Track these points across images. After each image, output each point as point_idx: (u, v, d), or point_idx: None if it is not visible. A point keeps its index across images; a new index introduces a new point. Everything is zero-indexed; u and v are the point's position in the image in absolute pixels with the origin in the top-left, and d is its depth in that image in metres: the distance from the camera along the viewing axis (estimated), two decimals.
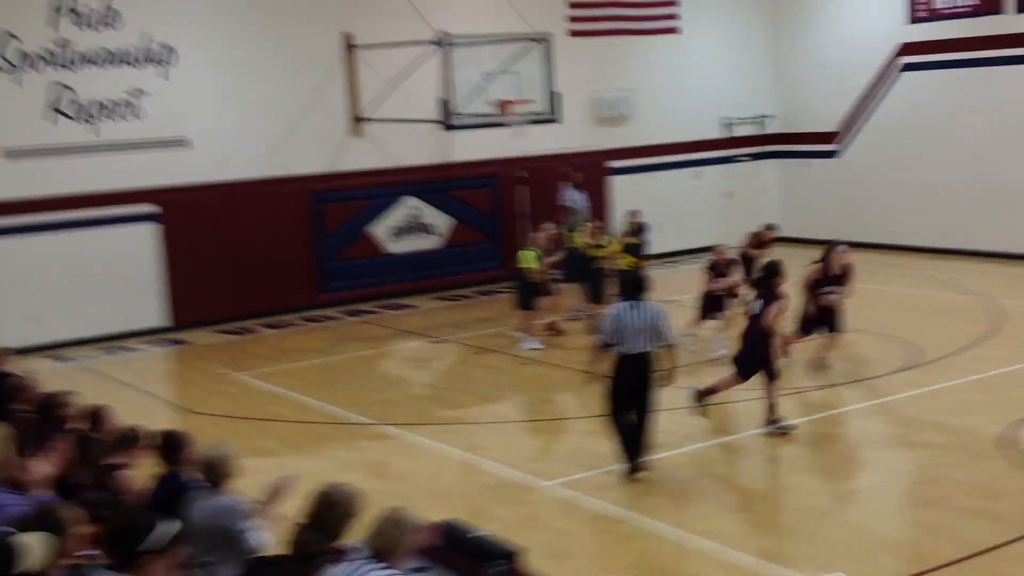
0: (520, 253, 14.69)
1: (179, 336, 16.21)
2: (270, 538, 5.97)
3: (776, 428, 9.98)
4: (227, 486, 6.06)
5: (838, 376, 12.00)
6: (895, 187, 20.22)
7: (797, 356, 12.07)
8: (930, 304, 15.64)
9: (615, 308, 8.93)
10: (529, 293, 14.36)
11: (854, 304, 15.95)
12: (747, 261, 14.05)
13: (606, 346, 8.87)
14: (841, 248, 12.47)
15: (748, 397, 11.41)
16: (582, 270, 15.40)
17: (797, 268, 12.81)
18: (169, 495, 6.27)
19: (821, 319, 12.17)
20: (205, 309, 16.67)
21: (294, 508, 5.98)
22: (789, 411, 10.73)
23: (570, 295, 15.42)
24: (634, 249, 15.35)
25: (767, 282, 10.31)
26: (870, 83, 20.60)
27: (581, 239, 15.78)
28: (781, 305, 10.11)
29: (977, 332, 13.47)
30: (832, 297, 12.11)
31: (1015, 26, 18.33)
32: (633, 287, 9.04)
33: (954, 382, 11.33)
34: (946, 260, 18.90)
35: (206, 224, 16.68)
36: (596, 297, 14.91)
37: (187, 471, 6.55)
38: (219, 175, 16.80)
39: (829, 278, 12.19)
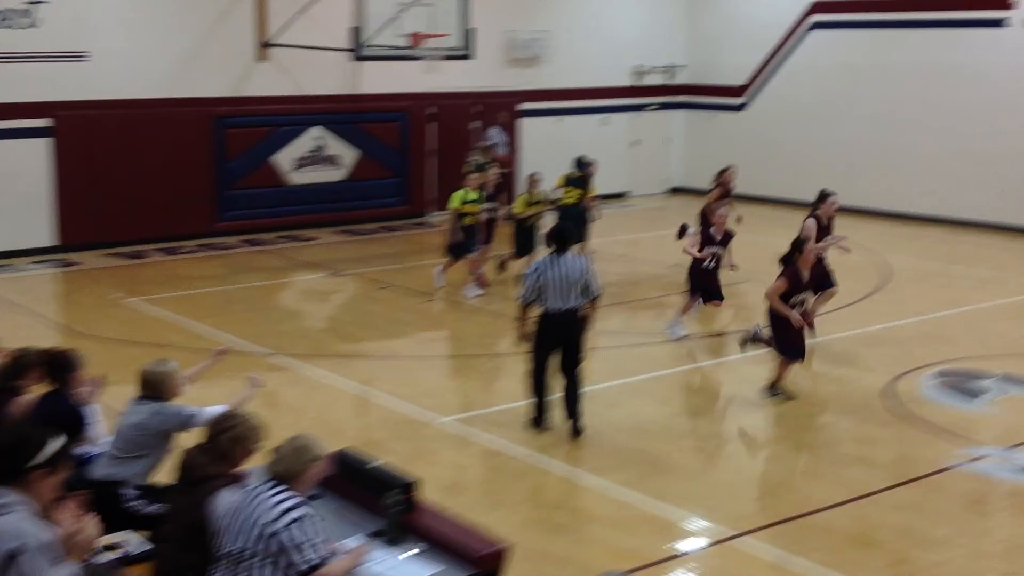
0: (453, 194, 13.89)
1: (69, 257, 15.73)
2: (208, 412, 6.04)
3: (772, 394, 9.51)
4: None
5: (733, 323, 12.26)
6: (798, 143, 20.61)
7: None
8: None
9: (537, 263, 8.46)
10: (462, 238, 13.60)
11: (750, 257, 16.31)
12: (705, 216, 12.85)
13: (528, 304, 8.40)
14: (833, 198, 11.84)
15: (645, 342, 11.61)
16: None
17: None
18: (54, 414, 6.12)
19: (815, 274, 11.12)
20: (97, 230, 16.19)
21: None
22: (687, 356, 10.96)
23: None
24: (578, 182, 15.36)
25: (790, 257, 9.55)
26: (780, 39, 20.87)
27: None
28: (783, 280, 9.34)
29: (866, 288, 13.89)
30: (828, 247, 11.49)
31: None
32: (556, 238, 8.41)
33: (842, 335, 11.69)
34: (843, 217, 19.35)
35: (101, 143, 16.12)
36: (524, 251, 14.39)
37: (75, 392, 6.39)
38: (118, 93, 16.22)
39: (821, 228, 11.55)
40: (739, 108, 21.73)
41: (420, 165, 19.13)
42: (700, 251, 11.45)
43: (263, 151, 17.64)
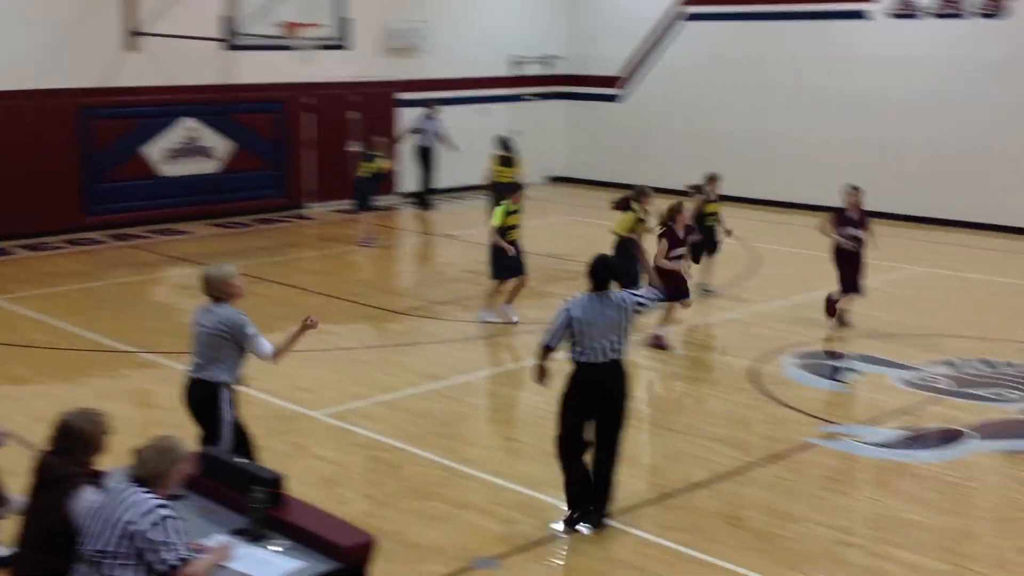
0: (495, 209, 13.21)
1: None
2: (271, 349, 6.78)
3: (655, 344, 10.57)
4: (229, 299, 6.81)
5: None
6: (674, 133, 21.04)
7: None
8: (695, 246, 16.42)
9: (570, 301, 6.88)
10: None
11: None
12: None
13: (550, 350, 6.93)
14: (856, 190, 11.94)
15: (524, 331, 11.75)
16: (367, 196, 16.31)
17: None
18: None
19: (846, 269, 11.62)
20: None
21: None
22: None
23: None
24: (508, 161, 16.06)
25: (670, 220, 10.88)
26: (655, 31, 21.25)
27: (375, 166, 16.37)
28: None
29: (735, 273, 14.30)
30: (851, 242, 11.63)
31: None
32: (599, 273, 6.89)
33: (708, 319, 12.03)
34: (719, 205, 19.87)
35: None
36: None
37: None
38: None
39: (847, 219, 11.77)
40: (617, 99, 22.06)
41: (297, 156, 18.92)
42: (669, 256, 10.84)
43: (132, 143, 17.19)
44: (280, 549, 4.92)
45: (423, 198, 19.77)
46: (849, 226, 11.69)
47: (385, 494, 7.48)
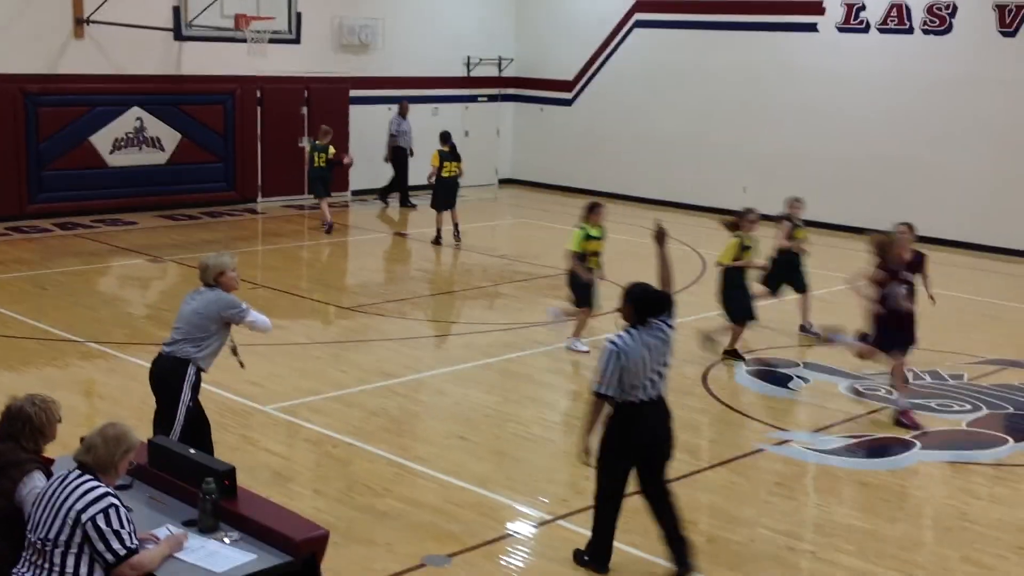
0: (574, 232, 12.86)
1: None
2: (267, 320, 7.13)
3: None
4: (221, 288, 6.94)
5: (554, 317, 12.52)
6: (622, 138, 21.17)
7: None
8: (644, 251, 16.47)
9: (615, 339, 6.17)
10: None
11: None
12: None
13: (606, 398, 6.18)
14: (903, 229, 9.79)
15: (473, 331, 11.72)
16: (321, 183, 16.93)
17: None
18: None
19: (899, 328, 9.26)
20: None
21: None
22: (511, 344, 11.11)
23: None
24: (451, 156, 16.26)
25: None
26: (605, 36, 21.36)
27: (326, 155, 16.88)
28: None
29: (681, 280, 14.34)
30: (907, 301, 9.27)
31: None
32: (642, 305, 6.26)
33: None
34: (664, 211, 20.02)
35: None
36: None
37: None
38: None
39: (896, 272, 9.27)
40: (568, 103, 22.14)
41: (246, 150, 18.71)
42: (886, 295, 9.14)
43: (79, 131, 16.89)
44: (230, 541, 4.86)
45: (389, 195, 19.73)
46: (902, 282, 9.25)
47: (336, 490, 7.42)
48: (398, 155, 19.44)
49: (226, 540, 4.86)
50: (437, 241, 16.26)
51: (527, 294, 13.51)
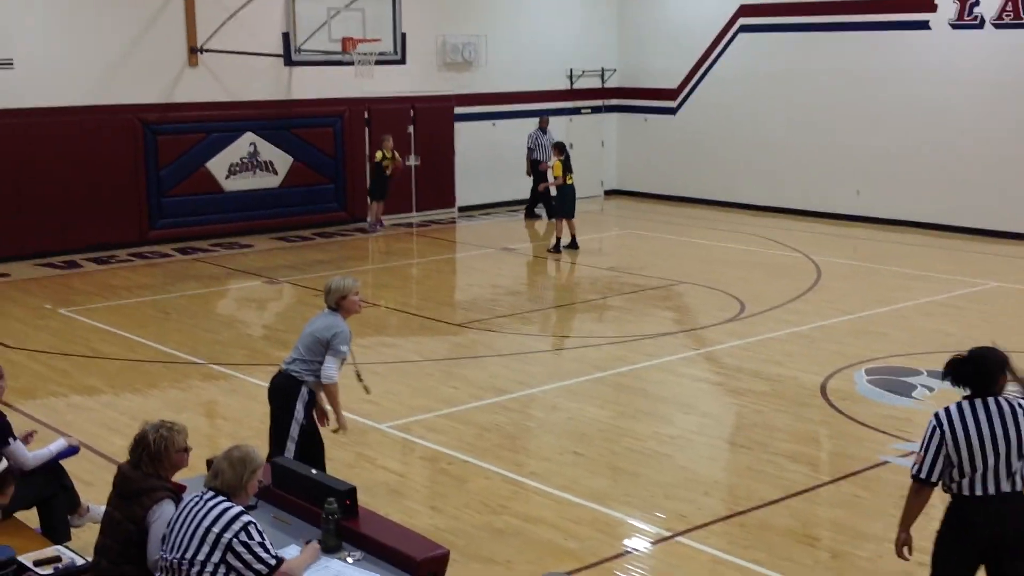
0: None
1: None
2: (334, 376, 7.07)
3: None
4: (342, 311, 7.15)
5: (667, 324, 12.39)
6: (728, 146, 20.89)
7: None
8: (755, 259, 16.30)
9: (946, 415, 5.08)
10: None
11: (683, 257, 16.52)
12: None
13: (930, 484, 5.22)
14: None
15: (585, 344, 11.69)
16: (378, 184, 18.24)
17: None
18: None
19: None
20: (27, 241, 15.88)
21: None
22: (623, 358, 11.03)
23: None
24: (567, 165, 16.65)
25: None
26: (708, 43, 21.12)
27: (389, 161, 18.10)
28: None
29: (796, 287, 14.12)
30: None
31: None
32: (982, 371, 5.09)
33: (774, 334, 11.87)
34: (774, 218, 19.72)
35: (29, 152, 15.81)
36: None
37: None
38: (44, 100, 15.93)
39: None
40: (672, 112, 21.96)
41: (355, 170, 19.04)
42: None
43: (196, 158, 17.43)
44: (353, 560, 4.91)
45: (532, 210, 20.03)
46: None
47: (452, 507, 7.45)
48: (537, 169, 19.52)
49: (349, 560, 4.92)
50: (556, 249, 16.38)
51: (636, 306, 13.41)
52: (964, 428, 4.99)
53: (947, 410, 5.06)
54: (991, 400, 5.02)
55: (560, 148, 16.78)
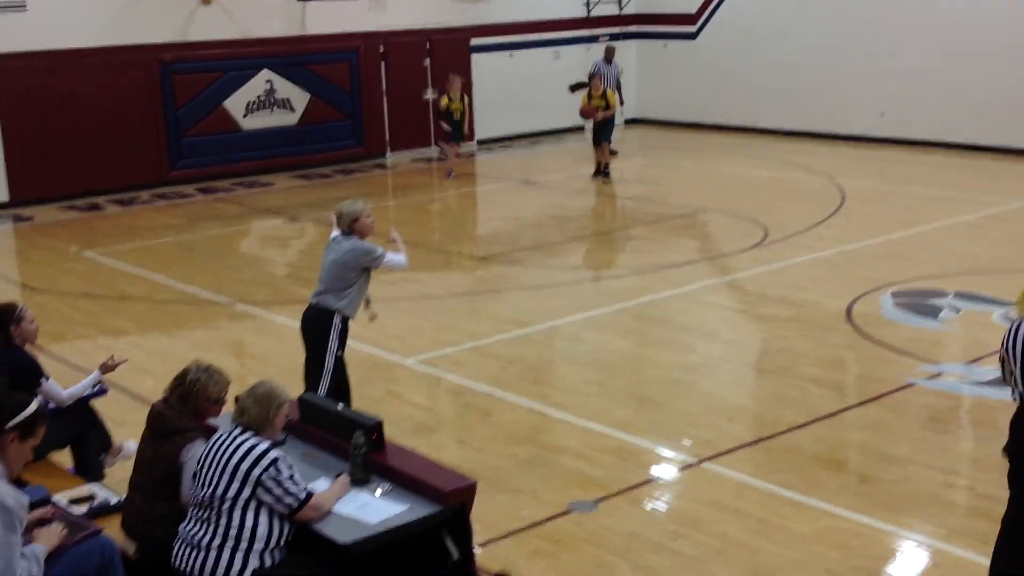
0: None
1: (21, 212, 15.49)
2: (403, 259, 7.27)
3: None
4: (357, 234, 7.10)
5: (690, 253, 12.34)
6: (749, 70, 20.57)
7: None
8: (779, 185, 16.15)
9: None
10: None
11: (705, 185, 16.37)
12: None
13: None
14: None
15: (607, 276, 11.65)
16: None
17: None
18: (5, 367, 6.07)
19: None
20: (48, 184, 15.93)
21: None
22: (646, 288, 11.01)
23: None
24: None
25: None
26: None
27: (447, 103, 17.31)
28: None
29: (820, 212, 13.99)
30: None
31: None
32: None
33: (798, 259, 11.80)
34: (797, 142, 19.49)
35: (45, 95, 15.79)
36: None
37: (20, 345, 6.31)
38: (59, 42, 15.86)
39: None
40: (691, 37, 21.62)
41: (374, 106, 18.92)
42: None
43: (213, 97, 17.35)
44: (382, 493, 4.96)
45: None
46: None
47: (479, 440, 7.50)
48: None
49: (378, 492, 4.97)
50: (606, 173, 16.60)
51: (659, 235, 13.34)
52: None
53: None
54: None
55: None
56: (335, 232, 7.27)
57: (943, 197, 14.76)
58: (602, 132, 16.46)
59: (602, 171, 16.56)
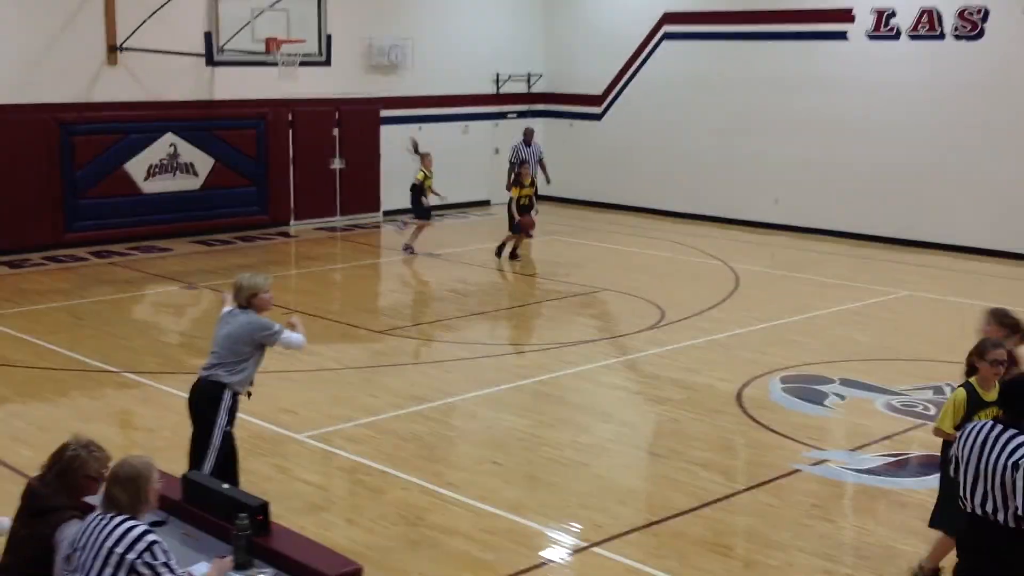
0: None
1: None
2: (301, 338, 7.15)
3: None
4: (254, 309, 7.00)
5: (589, 332, 12.48)
6: (651, 153, 21.09)
7: None
8: (676, 266, 16.50)
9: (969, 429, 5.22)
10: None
11: (605, 264, 16.61)
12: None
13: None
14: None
15: (504, 352, 11.72)
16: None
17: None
18: None
19: None
20: None
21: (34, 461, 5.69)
22: (544, 366, 11.08)
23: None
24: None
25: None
26: (633, 50, 21.32)
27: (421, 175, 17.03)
28: None
29: (715, 295, 14.32)
30: None
31: (771, 3, 19.40)
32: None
33: (693, 341, 12.03)
34: (695, 225, 19.97)
35: None
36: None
37: None
38: None
39: None
40: (597, 117, 22.11)
41: (280, 173, 18.84)
42: None
43: (113, 159, 17.08)
44: None
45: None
46: None
47: (369, 519, 7.42)
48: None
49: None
50: (514, 255, 16.68)
51: (559, 313, 13.48)
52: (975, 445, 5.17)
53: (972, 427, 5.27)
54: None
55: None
56: (228, 307, 7.17)
57: (831, 284, 15.25)
58: (524, 212, 16.56)
59: (513, 253, 16.66)
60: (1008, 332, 6.95)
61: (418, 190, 16.90)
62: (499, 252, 16.70)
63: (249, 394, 7.32)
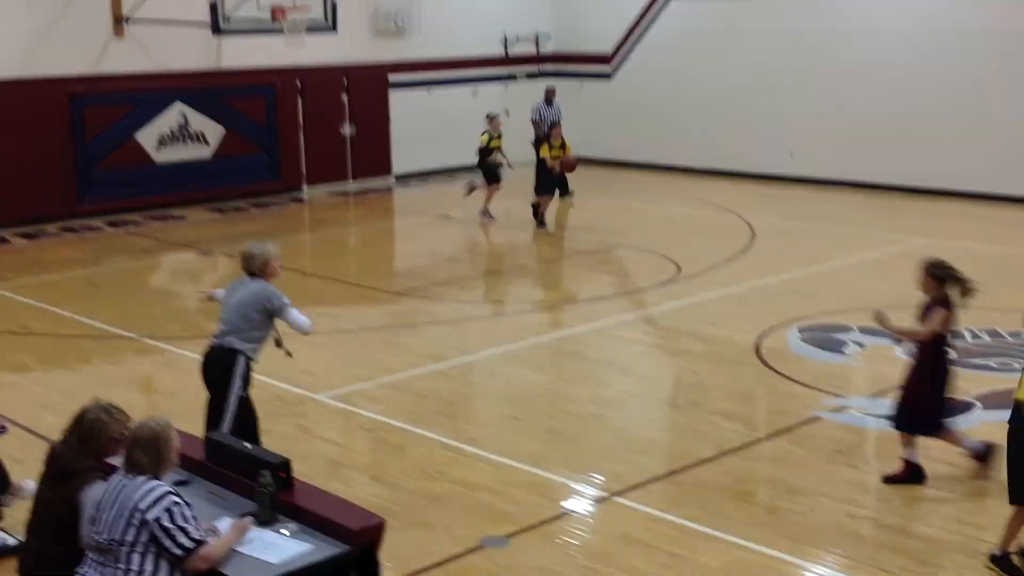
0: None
1: None
2: (307, 321, 7.06)
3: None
4: (266, 276, 7.01)
5: (605, 288, 12.47)
6: (663, 110, 20.93)
7: None
8: (691, 221, 16.43)
9: None
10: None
11: (621, 221, 16.56)
12: None
13: None
14: None
15: (522, 309, 11.71)
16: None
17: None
18: None
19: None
20: None
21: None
22: (561, 322, 11.08)
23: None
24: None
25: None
26: (643, 6, 21.12)
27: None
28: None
29: (731, 249, 14.26)
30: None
31: None
32: None
33: (709, 295, 11.99)
34: (709, 180, 19.86)
35: None
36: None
37: None
38: None
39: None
40: (607, 76, 21.95)
41: (290, 140, 18.80)
42: None
43: (124, 130, 17.07)
44: (288, 533, 4.89)
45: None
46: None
47: (391, 475, 7.45)
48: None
49: (284, 532, 4.89)
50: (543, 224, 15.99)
51: (575, 270, 13.47)
52: None
53: None
54: None
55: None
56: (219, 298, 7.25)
57: (848, 235, 15.16)
58: (559, 183, 16.00)
59: (541, 220, 16.05)
60: (937, 284, 7.25)
61: (484, 152, 16.47)
62: (541, 221, 15.95)
63: (289, 353, 7.45)
